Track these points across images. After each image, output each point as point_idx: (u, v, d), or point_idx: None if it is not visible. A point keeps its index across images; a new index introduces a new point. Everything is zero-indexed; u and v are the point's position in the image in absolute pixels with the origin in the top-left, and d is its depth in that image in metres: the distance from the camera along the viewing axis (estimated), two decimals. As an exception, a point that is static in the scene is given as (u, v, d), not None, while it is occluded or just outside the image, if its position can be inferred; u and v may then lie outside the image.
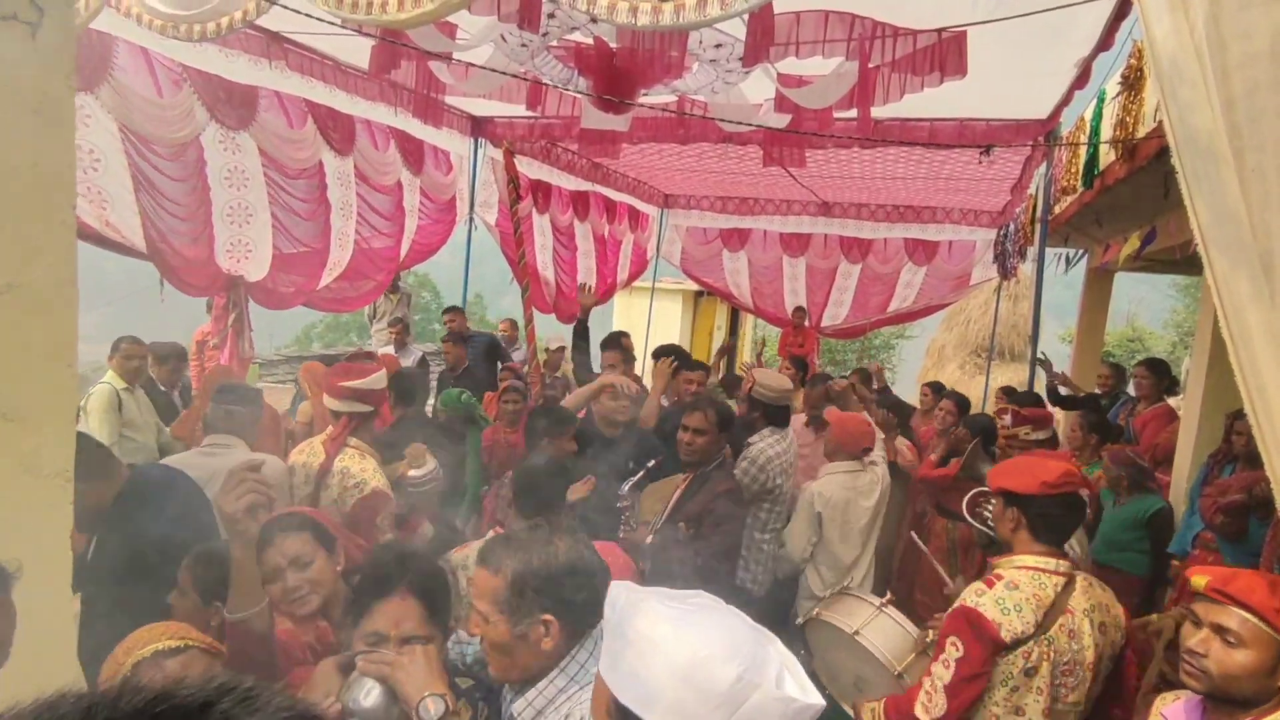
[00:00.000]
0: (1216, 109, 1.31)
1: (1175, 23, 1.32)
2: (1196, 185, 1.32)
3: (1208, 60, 1.30)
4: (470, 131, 6.73)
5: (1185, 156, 1.34)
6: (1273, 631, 1.55)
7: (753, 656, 0.93)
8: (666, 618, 0.96)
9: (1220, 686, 1.61)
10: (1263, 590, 1.57)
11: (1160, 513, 4.03)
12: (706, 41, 4.01)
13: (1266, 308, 1.24)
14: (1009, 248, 7.52)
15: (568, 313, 8.55)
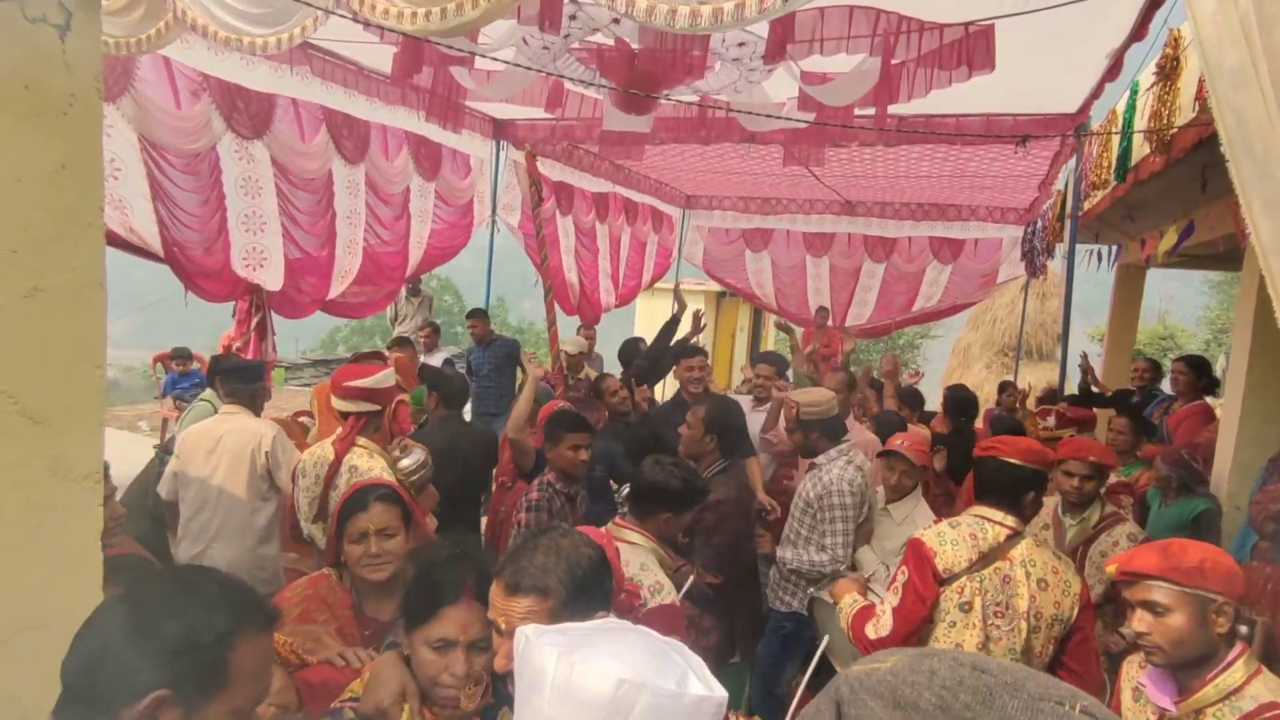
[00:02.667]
0: (1268, 94, 1.26)
1: (1221, 5, 1.27)
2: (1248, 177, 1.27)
3: (1258, 42, 1.25)
4: (492, 134, 6.75)
5: (1236, 149, 1.29)
6: (1183, 588, 1.67)
7: (639, 664, 0.92)
8: (553, 645, 0.96)
9: (1174, 655, 1.70)
10: (1156, 557, 1.73)
11: (1205, 514, 3.91)
12: (730, 40, 3.98)
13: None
14: (1037, 245, 7.40)
15: (591, 314, 8.56)
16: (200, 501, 3.45)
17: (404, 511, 2.18)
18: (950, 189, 7.96)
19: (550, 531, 1.60)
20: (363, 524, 2.09)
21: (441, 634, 1.52)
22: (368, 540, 2.08)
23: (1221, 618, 1.69)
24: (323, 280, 5.35)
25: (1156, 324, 17.80)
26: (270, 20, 2.81)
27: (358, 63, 5.11)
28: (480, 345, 7.16)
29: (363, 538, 2.08)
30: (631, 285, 9.34)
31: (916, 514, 3.31)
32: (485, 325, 7.21)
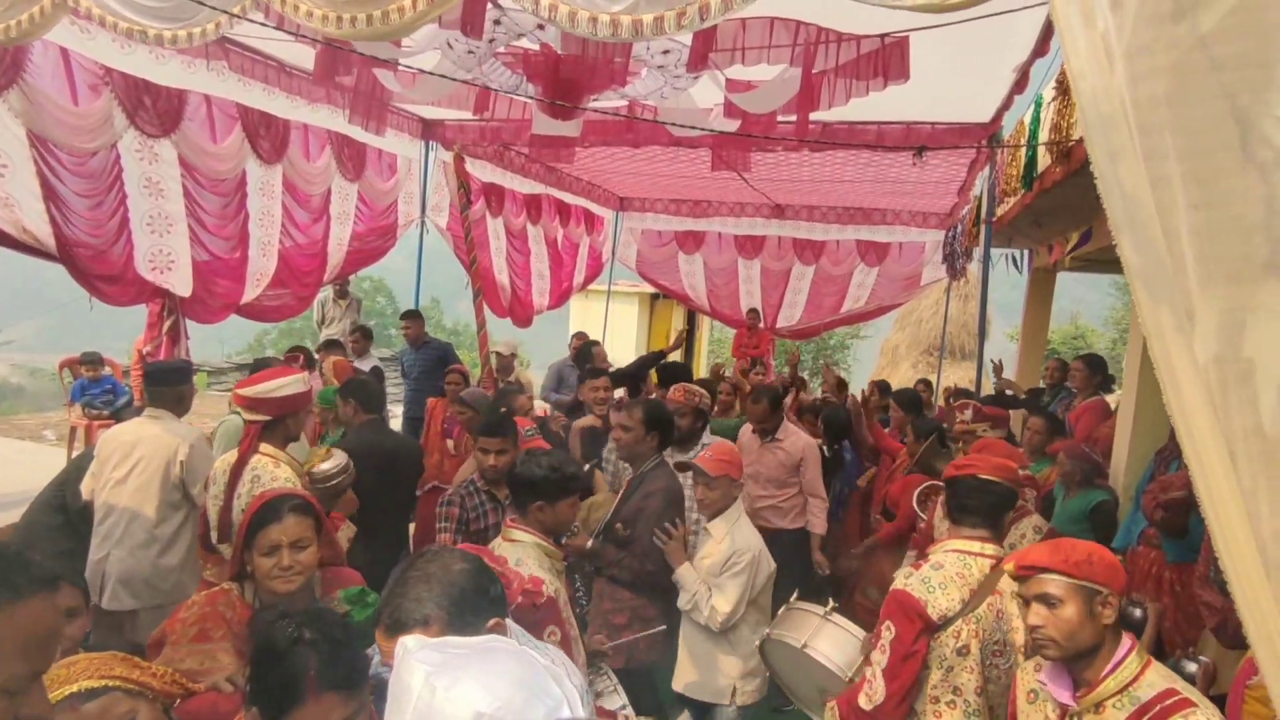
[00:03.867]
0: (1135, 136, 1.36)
1: (1089, 38, 1.37)
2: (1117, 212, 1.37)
3: (1120, 72, 1.35)
4: (421, 134, 6.67)
5: (1108, 182, 1.39)
6: (1075, 581, 1.76)
7: (505, 694, 0.92)
8: (423, 663, 0.95)
9: (1067, 647, 1.77)
10: (1048, 551, 1.81)
11: (1103, 505, 4.13)
12: (654, 48, 4.03)
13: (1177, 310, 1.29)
14: (957, 249, 7.69)
15: (523, 316, 8.52)
16: (108, 507, 3.34)
17: (317, 522, 2.14)
18: (874, 194, 8.20)
19: (416, 561, 1.59)
20: (275, 536, 2.03)
21: None
22: (279, 553, 2.02)
23: (1107, 609, 1.77)
24: (235, 283, 5.15)
25: (1069, 324, 18.70)
26: (172, 15, 2.70)
27: (279, 59, 4.97)
28: (413, 347, 7.05)
29: (274, 550, 2.02)
30: (564, 287, 9.33)
31: (736, 531, 3.10)
32: (419, 327, 7.11)
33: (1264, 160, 1.32)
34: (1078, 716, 1.80)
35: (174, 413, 3.59)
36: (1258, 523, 1.31)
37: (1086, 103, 1.36)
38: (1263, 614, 1.29)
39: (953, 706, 2.24)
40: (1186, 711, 1.63)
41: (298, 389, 3.01)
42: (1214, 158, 1.35)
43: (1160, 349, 1.33)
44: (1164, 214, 1.35)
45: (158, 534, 3.36)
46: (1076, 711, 1.80)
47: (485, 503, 3.20)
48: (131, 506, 3.32)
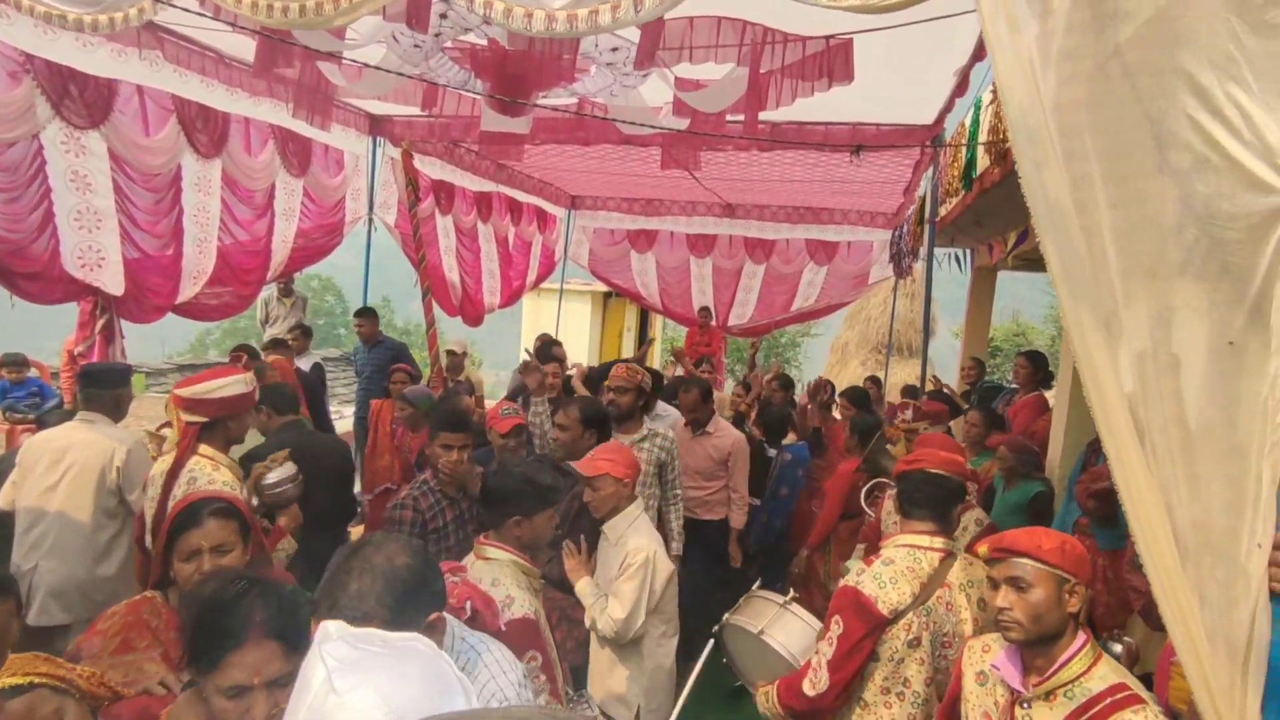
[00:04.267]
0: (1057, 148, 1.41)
1: (1016, 47, 1.41)
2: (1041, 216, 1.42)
3: (1044, 78, 1.40)
4: (369, 130, 6.55)
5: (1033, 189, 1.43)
6: (1047, 567, 1.80)
7: (404, 705, 0.91)
8: (330, 657, 0.94)
9: (1032, 631, 1.81)
10: (1026, 537, 1.84)
11: (1040, 495, 4.27)
12: (603, 45, 4.03)
13: (1100, 303, 1.34)
14: (903, 248, 7.85)
15: (474, 315, 8.44)
16: (36, 515, 3.20)
17: (242, 526, 2.07)
18: (823, 194, 8.32)
19: (360, 549, 1.56)
20: (195, 540, 1.97)
21: (232, 681, 1.41)
22: (200, 557, 1.96)
23: (1074, 597, 1.81)
24: (169, 282, 4.94)
25: (1010, 322, 19.25)
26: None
27: (217, 50, 4.82)
28: (367, 346, 6.93)
29: (194, 555, 1.96)
30: (516, 286, 9.26)
31: (632, 533, 2.96)
32: (373, 325, 7.00)
33: (1177, 163, 1.38)
34: (1028, 703, 1.84)
35: (110, 417, 3.46)
36: (1173, 511, 1.37)
37: (1015, 114, 1.40)
38: (1177, 599, 1.35)
39: (901, 698, 2.30)
40: (1136, 707, 1.68)
41: (238, 390, 2.91)
42: (1131, 160, 1.41)
43: (1081, 345, 1.38)
44: (1084, 212, 1.40)
45: (94, 542, 3.24)
46: (1028, 698, 1.83)
47: (441, 500, 3.15)
48: (64, 514, 3.19)
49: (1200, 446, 1.35)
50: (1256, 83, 1.29)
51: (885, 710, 2.31)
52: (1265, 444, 1.29)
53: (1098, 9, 1.44)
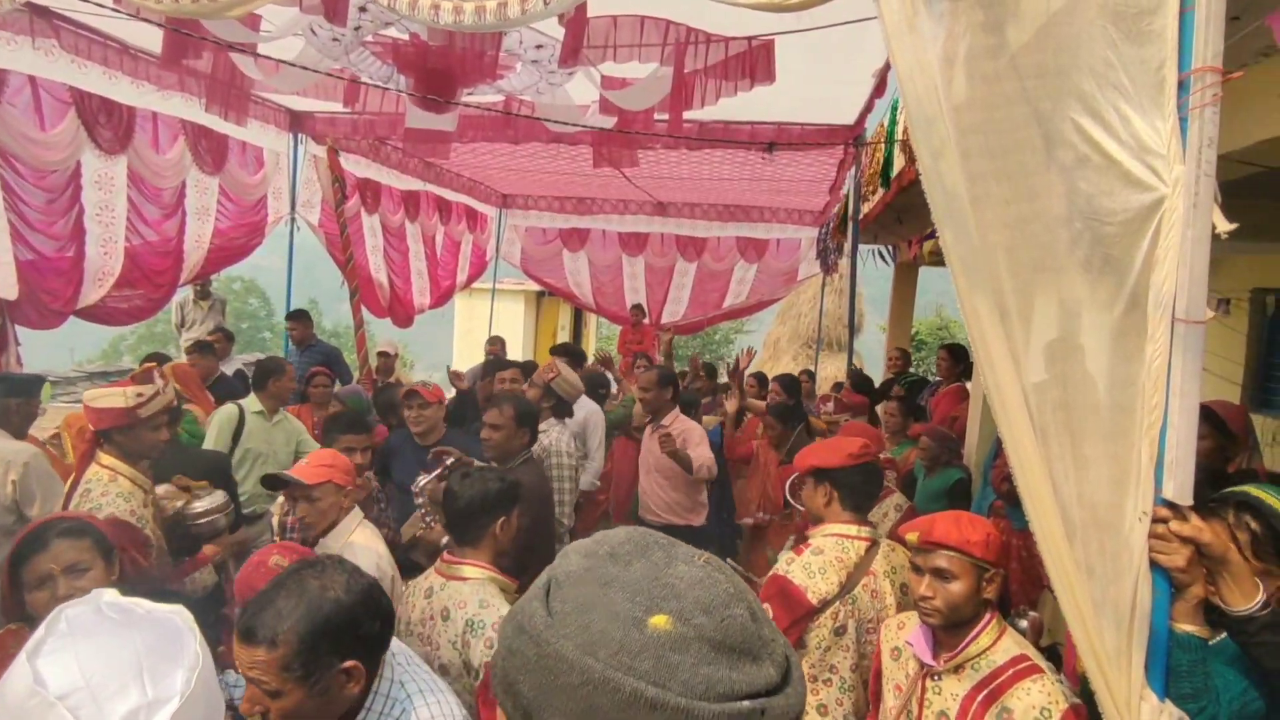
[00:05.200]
0: (953, 143, 1.47)
1: (915, 45, 1.47)
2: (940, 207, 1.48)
3: (941, 77, 1.46)
4: (289, 127, 6.36)
5: (931, 181, 1.49)
6: (971, 560, 1.86)
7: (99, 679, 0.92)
8: (63, 622, 0.95)
9: (949, 617, 1.88)
10: (954, 529, 1.86)
11: (960, 482, 4.45)
12: (527, 42, 4.01)
13: (993, 289, 1.40)
14: (829, 245, 8.04)
15: (403, 316, 8.29)
16: None
17: (98, 542, 1.93)
18: (752, 192, 8.46)
19: (303, 570, 1.51)
20: (43, 566, 1.83)
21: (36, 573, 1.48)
22: (54, 582, 1.83)
23: (991, 585, 1.88)
24: (69, 285, 4.66)
25: (934, 316, 19.92)
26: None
27: (121, 40, 4.60)
28: (299, 349, 6.72)
29: (46, 581, 1.83)
30: (446, 286, 9.13)
31: (347, 550, 2.58)
32: (305, 328, 6.78)
33: (1064, 160, 1.46)
34: (938, 676, 1.91)
35: (8, 429, 3.27)
36: (1062, 490, 1.44)
37: (912, 104, 1.46)
38: (1065, 571, 1.42)
39: (828, 684, 2.35)
40: (1035, 676, 1.76)
41: (112, 403, 2.71)
42: (1021, 157, 1.48)
43: (977, 332, 1.45)
44: (980, 207, 1.47)
45: None
46: (937, 672, 1.91)
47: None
48: (-49, 531, 3.00)
49: (1087, 428, 1.43)
50: (1132, 87, 1.38)
51: (813, 696, 2.36)
52: (1144, 423, 1.38)
53: (992, 14, 1.51)
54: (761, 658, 0.63)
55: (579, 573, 0.66)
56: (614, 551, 0.67)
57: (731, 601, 0.64)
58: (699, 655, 0.60)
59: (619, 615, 0.61)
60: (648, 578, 0.64)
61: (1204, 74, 1.28)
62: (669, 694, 0.58)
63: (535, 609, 0.65)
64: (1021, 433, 1.44)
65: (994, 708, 1.77)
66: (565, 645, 0.61)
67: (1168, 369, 1.35)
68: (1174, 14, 1.32)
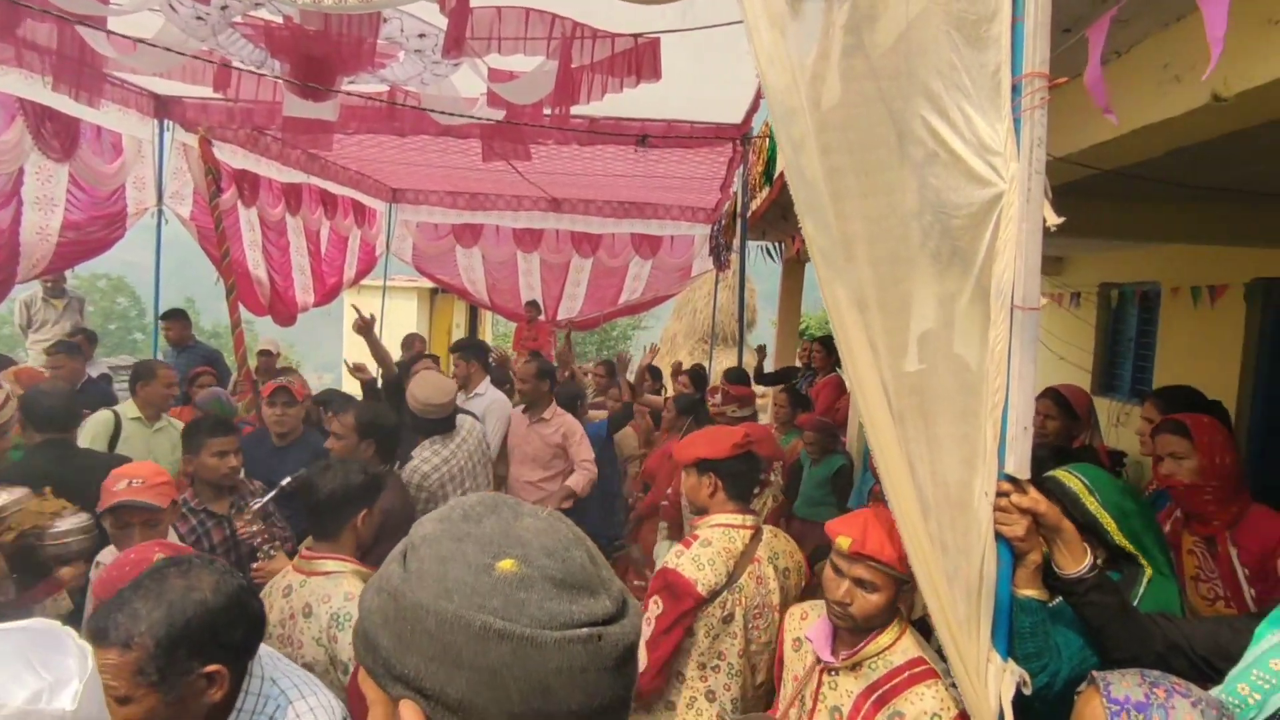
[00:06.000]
0: (813, 136, 1.52)
1: (774, 39, 1.52)
2: (801, 195, 1.53)
3: (800, 72, 1.51)
4: (154, 113, 5.94)
5: (792, 171, 1.54)
6: (897, 574, 1.83)
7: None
8: None
9: (861, 624, 1.88)
10: (888, 545, 1.80)
11: (842, 469, 4.65)
12: (409, 30, 3.90)
13: (849, 282, 1.47)
14: (720, 241, 8.20)
15: (285, 314, 7.91)
16: None
17: None
18: (646, 189, 8.53)
19: (166, 568, 1.43)
20: None
21: None
22: None
23: (908, 597, 1.91)
24: None
25: (822, 311, 20.70)
26: None
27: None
28: (175, 350, 6.29)
29: None
30: (332, 283, 8.78)
31: None
32: (183, 328, 6.37)
33: (915, 157, 1.54)
34: (835, 672, 1.92)
35: None
36: (916, 470, 1.53)
37: (773, 96, 1.51)
38: (920, 547, 1.51)
39: (717, 670, 2.40)
40: (929, 681, 1.77)
41: None
42: (876, 153, 1.56)
43: (838, 321, 1.51)
44: (839, 201, 1.53)
45: None
46: (835, 668, 1.91)
47: (205, 522, 2.87)
48: None
49: (939, 411, 1.52)
50: (973, 89, 1.47)
51: (701, 683, 2.41)
52: (989, 404, 1.47)
53: (858, 16, 1.57)
54: (599, 593, 0.71)
55: (435, 535, 0.71)
56: (467, 513, 0.74)
57: (572, 545, 0.72)
58: (543, 592, 0.67)
59: (471, 564, 0.68)
60: (498, 531, 0.71)
61: (1033, 79, 1.38)
62: (516, 625, 0.65)
63: (393, 570, 0.71)
64: (880, 417, 1.51)
65: (886, 709, 1.77)
66: (423, 595, 0.67)
67: (1008, 353, 1.45)
68: (1008, 22, 1.41)
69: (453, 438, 3.77)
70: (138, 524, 2.41)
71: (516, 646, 0.64)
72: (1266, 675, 1.38)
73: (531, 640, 0.65)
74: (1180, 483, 2.39)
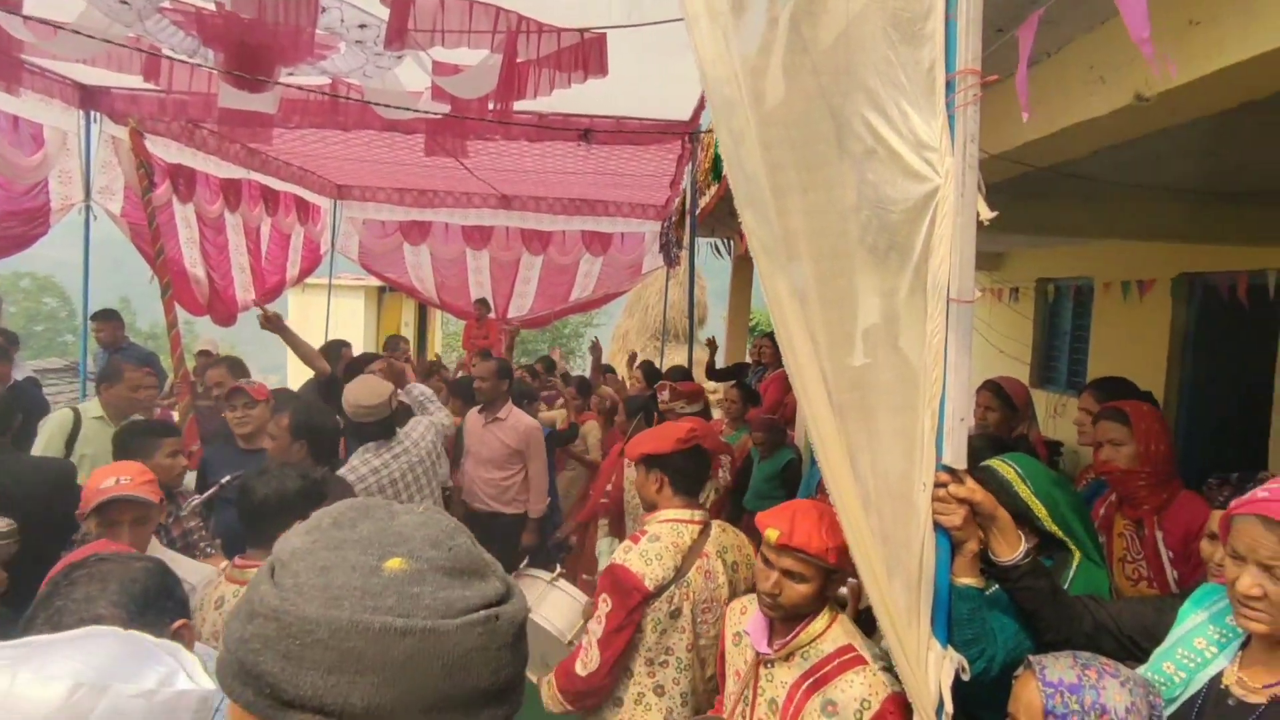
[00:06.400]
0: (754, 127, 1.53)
1: (714, 33, 1.52)
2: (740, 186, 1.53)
3: (740, 66, 1.51)
4: (79, 103, 5.70)
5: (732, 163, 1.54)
6: (825, 565, 1.86)
7: (103, 666, 0.90)
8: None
9: (790, 611, 1.91)
10: (815, 537, 1.82)
11: (791, 463, 4.71)
12: (349, 20, 3.81)
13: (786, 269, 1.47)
14: (671, 238, 8.23)
15: (225, 314, 7.68)
16: None
17: None
18: (597, 186, 8.50)
19: (85, 562, 1.40)
20: None
21: None
22: None
23: (833, 586, 1.92)
24: None
25: (773, 307, 20.98)
26: None
27: None
28: (107, 352, 6.03)
29: None
30: (274, 281, 8.54)
31: None
32: (115, 329, 6.10)
33: (854, 152, 1.55)
34: (771, 664, 1.95)
35: None
36: (857, 463, 1.54)
37: (712, 89, 1.51)
38: (862, 539, 1.52)
39: (665, 665, 2.41)
40: (859, 668, 1.80)
41: None
42: (817, 149, 1.57)
43: (779, 314, 1.52)
44: (780, 196, 1.54)
45: None
46: (771, 659, 1.94)
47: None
48: None
49: (879, 404, 1.54)
50: (909, 85, 1.49)
51: (649, 679, 2.41)
52: (926, 396, 1.49)
53: (802, 12, 1.58)
54: (488, 575, 0.72)
55: (305, 548, 0.69)
56: (337, 520, 0.72)
57: (455, 533, 0.73)
58: (436, 583, 0.67)
59: (356, 567, 0.67)
60: (376, 531, 0.70)
61: (966, 75, 1.41)
62: (416, 620, 0.64)
63: (264, 591, 0.67)
64: (821, 411, 1.52)
65: (817, 696, 1.80)
66: (309, 608, 0.64)
67: (945, 346, 1.48)
68: (942, 19, 1.44)
69: (391, 446, 3.54)
70: (127, 521, 2.32)
71: (419, 640, 0.64)
72: (1190, 654, 1.43)
73: (433, 631, 0.65)
74: (1117, 468, 2.48)
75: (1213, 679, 1.40)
